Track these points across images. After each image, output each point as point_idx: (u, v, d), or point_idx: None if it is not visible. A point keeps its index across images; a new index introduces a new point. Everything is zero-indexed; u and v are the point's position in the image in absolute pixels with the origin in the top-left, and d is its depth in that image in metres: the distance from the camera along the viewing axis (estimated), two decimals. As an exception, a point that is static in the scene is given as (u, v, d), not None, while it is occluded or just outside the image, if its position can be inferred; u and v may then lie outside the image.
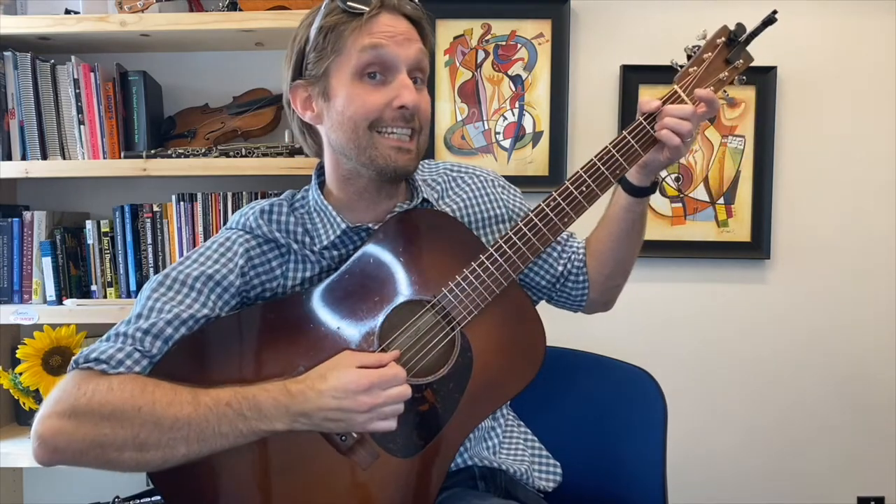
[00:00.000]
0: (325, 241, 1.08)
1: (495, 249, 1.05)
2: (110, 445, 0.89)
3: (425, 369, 1.03)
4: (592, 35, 1.85)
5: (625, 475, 1.35)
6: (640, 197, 1.13)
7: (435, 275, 1.04)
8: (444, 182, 1.20)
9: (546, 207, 1.06)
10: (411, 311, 1.04)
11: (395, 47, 1.00)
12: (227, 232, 1.11)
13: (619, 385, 1.41)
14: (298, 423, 0.92)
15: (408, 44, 1.02)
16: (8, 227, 1.81)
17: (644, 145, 1.05)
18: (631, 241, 1.19)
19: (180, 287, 1.01)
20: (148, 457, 0.90)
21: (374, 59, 1.00)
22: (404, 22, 1.03)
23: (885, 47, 1.84)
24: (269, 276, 1.08)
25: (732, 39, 1.07)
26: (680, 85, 1.07)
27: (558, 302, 1.28)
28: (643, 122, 1.05)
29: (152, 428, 0.88)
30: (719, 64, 1.07)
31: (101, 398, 0.89)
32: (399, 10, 1.03)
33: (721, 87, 1.08)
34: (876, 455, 1.90)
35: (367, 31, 1.00)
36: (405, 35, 1.02)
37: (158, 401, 0.90)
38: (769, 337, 1.89)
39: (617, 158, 1.05)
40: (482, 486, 1.14)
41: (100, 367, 0.93)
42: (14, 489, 1.99)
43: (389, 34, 1.00)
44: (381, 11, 1.01)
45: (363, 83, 1.01)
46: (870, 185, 1.86)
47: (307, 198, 1.14)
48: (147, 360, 0.95)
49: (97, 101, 1.78)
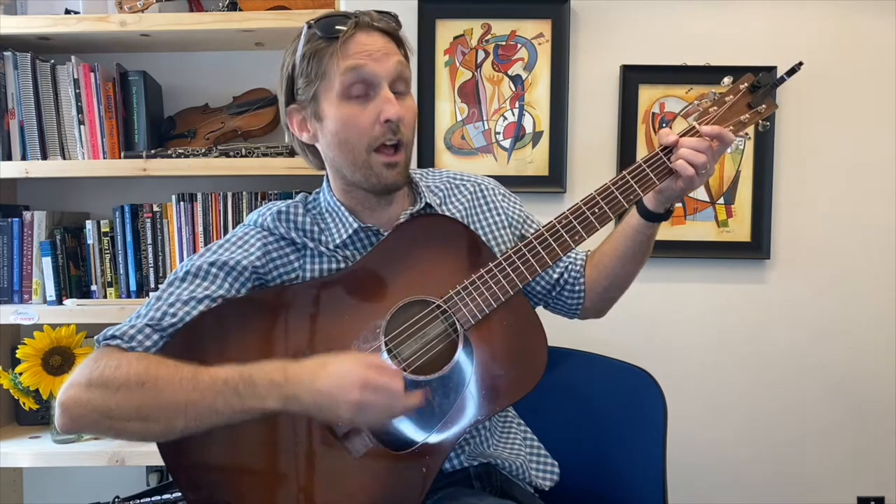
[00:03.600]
0: (337, 241, 1.13)
1: (504, 259, 1.09)
2: (118, 416, 0.96)
3: (426, 367, 1.05)
4: (592, 35, 1.85)
5: (624, 475, 1.36)
6: (653, 222, 1.17)
7: (444, 277, 1.08)
8: (447, 189, 1.24)
9: (558, 224, 1.10)
10: (418, 310, 1.07)
11: (374, 64, 1.04)
12: (245, 228, 1.16)
13: (619, 385, 1.41)
14: (290, 404, 0.95)
15: (385, 59, 1.05)
16: (8, 227, 1.81)
17: (659, 175, 1.09)
18: (634, 262, 1.22)
19: (193, 278, 1.07)
20: (151, 428, 0.97)
21: (356, 79, 1.04)
22: (380, 37, 1.06)
23: (885, 47, 1.83)
24: (287, 268, 1.12)
25: (756, 86, 1.12)
26: (700, 122, 1.11)
27: (554, 308, 1.32)
28: (660, 153, 1.10)
29: (154, 402, 0.95)
30: (741, 107, 1.12)
31: (112, 373, 0.97)
32: (373, 28, 1.06)
33: (742, 129, 1.12)
34: (876, 455, 1.89)
35: (344, 53, 1.04)
36: (382, 50, 1.06)
37: (161, 377, 0.96)
38: (769, 337, 1.89)
39: (632, 185, 1.09)
40: (478, 486, 1.15)
41: (115, 342, 1.02)
42: (14, 489, 1.99)
43: (367, 53, 1.04)
44: (356, 32, 1.05)
45: (350, 103, 1.05)
46: (870, 185, 1.86)
47: (319, 199, 1.19)
48: (158, 335, 1.03)
49: (97, 101, 1.78)
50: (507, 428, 1.26)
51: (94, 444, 1.76)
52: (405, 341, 1.05)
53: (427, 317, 1.06)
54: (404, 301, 1.06)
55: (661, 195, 1.13)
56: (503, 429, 1.25)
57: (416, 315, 1.06)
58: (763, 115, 1.13)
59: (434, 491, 1.10)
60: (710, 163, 1.08)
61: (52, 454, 1.73)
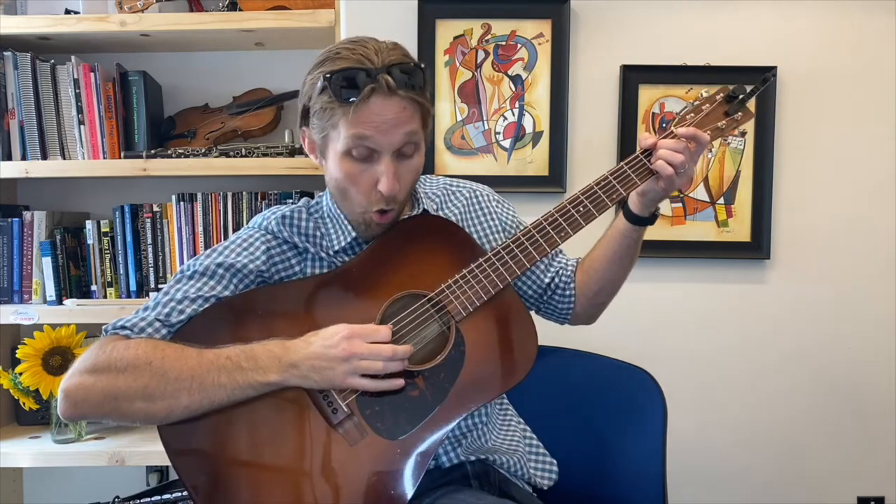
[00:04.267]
0: (336, 247, 1.15)
1: (494, 254, 1.13)
2: (123, 397, 0.99)
3: (419, 358, 1.08)
4: (592, 35, 1.85)
5: (624, 475, 1.36)
6: (638, 225, 1.20)
7: (436, 272, 1.11)
8: (443, 195, 1.27)
9: (544, 222, 1.15)
10: (410, 303, 1.10)
11: (380, 136, 1.03)
12: (249, 230, 1.18)
13: (619, 385, 1.41)
14: (289, 373, 1.00)
15: (394, 131, 1.03)
16: (8, 227, 1.81)
17: (640, 175, 1.15)
18: (622, 265, 1.25)
19: (199, 277, 1.10)
20: (155, 407, 0.99)
21: (359, 146, 1.04)
22: (397, 103, 1.02)
23: (885, 47, 1.83)
24: (289, 272, 1.15)
25: (732, 96, 1.19)
26: (677, 127, 1.18)
27: (545, 313, 1.34)
28: (640, 155, 1.16)
29: (159, 379, 0.98)
30: (718, 115, 1.20)
31: (118, 355, 1.00)
32: (391, 91, 1.01)
33: (720, 135, 1.20)
34: (876, 455, 1.89)
35: (355, 119, 1.02)
36: (393, 121, 1.02)
37: (167, 356, 1.00)
38: (769, 337, 1.89)
39: (614, 185, 1.15)
40: (476, 485, 1.16)
41: (124, 332, 1.04)
42: (14, 489, 1.99)
43: (375, 124, 1.02)
44: (371, 97, 1.01)
45: (352, 161, 1.06)
46: (869, 185, 1.86)
47: (321, 204, 1.20)
48: (167, 329, 1.05)
49: (97, 101, 1.78)
50: (505, 423, 1.27)
51: (94, 445, 1.76)
52: (398, 333, 1.07)
53: (419, 309, 1.09)
54: (397, 295, 1.10)
55: (645, 197, 1.17)
56: (502, 424, 1.26)
57: (408, 308, 1.09)
58: (740, 123, 1.20)
59: (432, 490, 1.11)
60: (689, 163, 1.13)
61: (52, 454, 1.73)
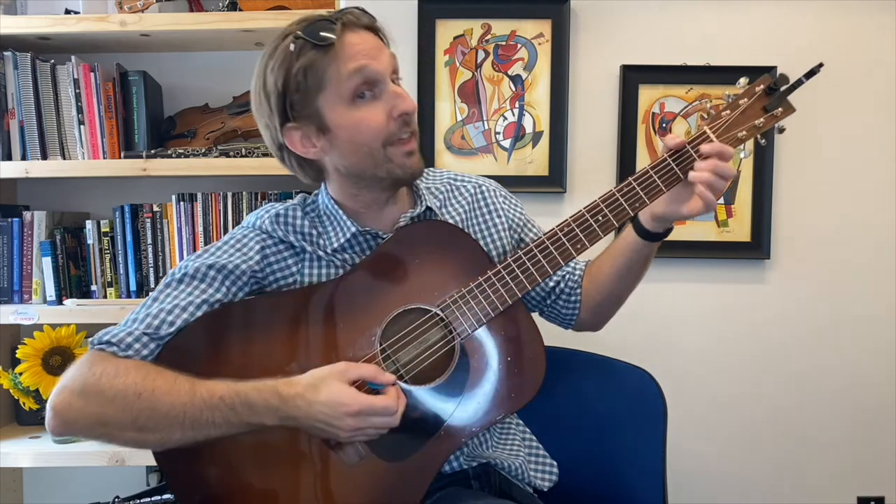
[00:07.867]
0: (335, 244, 1.11)
1: (504, 267, 1.06)
2: (113, 425, 0.96)
3: (422, 376, 1.04)
4: (592, 35, 1.85)
5: (624, 475, 1.35)
6: (650, 241, 1.12)
7: (442, 285, 1.06)
8: (448, 191, 1.22)
9: (560, 232, 1.06)
10: (415, 318, 1.05)
11: (374, 62, 1.03)
12: (243, 230, 1.14)
13: (619, 385, 1.41)
14: (287, 423, 0.96)
15: (381, 54, 1.04)
16: (8, 227, 1.81)
17: (667, 181, 1.03)
18: (630, 279, 1.19)
19: (190, 280, 1.06)
20: (147, 438, 0.97)
21: (362, 80, 1.02)
22: (367, 34, 1.04)
23: (885, 47, 1.83)
24: (286, 272, 1.11)
25: (773, 88, 1.05)
26: (711, 127, 1.04)
27: (549, 316, 1.30)
28: (668, 158, 1.04)
29: (150, 413, 0.94)
30: (756, 111, 1.05)
31: (108, 381, 0.95)
32: (359, 26, 1.04)
33: (755, 134, 1.06)
34: (876, 455, 1.89)
35: (343, 57, 1.01)
36: (377, 46, 1.04)
37: (158, 388, 0.95)
38: (769, 337, 1.89)
39: (637, 192, 1.03)
40: (476, 486, 1.14)
41: (111, 349, 0.99)
42: (14, 489, 1.99)
43: (363, 51, 1.02)
44: (345, 33, 1.02)
45: (358, 106, 1.03)
46: (869, 185, 1.86)
47: (317, 202, 1.17)
48: (155, 344, 1.01)
49: (97, 101, 1.78)
50: (505, 429, 1.25)
51: (94, 445, 1.76)
52: (403, 347, 1.04)
53: (425, 324, 1.05)
54: (401, 308, 1.05)
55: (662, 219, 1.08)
56: (501, 430, 1.24)
57: (413, 322, 1.05)
58: (780, 119, 1.06)
59: (432, 491, 1.09)
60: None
61: (52, 454, 1.73)
